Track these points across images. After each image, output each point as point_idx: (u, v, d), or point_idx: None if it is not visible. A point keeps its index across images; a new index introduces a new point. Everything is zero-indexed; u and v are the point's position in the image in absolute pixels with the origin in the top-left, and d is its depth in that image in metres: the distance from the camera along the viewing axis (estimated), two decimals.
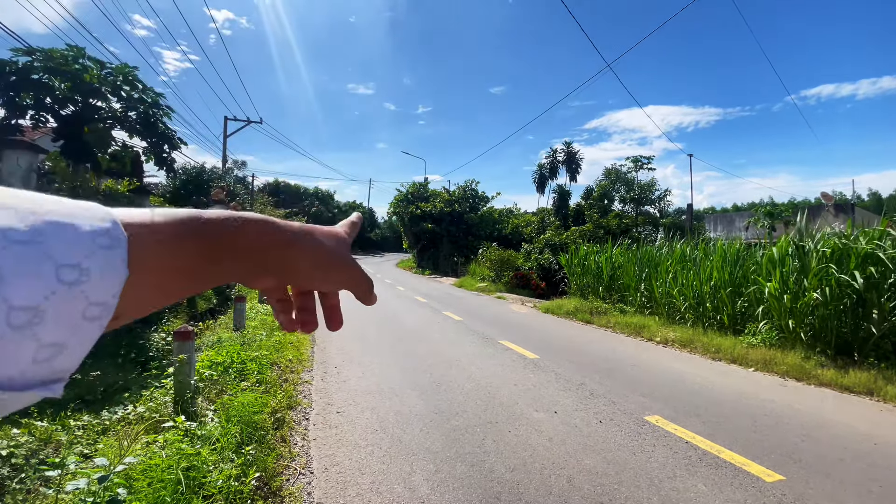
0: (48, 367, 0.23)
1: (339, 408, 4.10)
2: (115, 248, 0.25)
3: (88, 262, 0.23)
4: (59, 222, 0.23)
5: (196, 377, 4.03)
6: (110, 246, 0.25)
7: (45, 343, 0.22)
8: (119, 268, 0.25)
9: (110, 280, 0.24)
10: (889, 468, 3.08)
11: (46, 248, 0.22)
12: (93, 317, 0.24)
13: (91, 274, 0.23)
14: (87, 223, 0.24)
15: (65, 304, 0.22)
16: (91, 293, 0.23)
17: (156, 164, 7.77)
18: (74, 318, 0.23)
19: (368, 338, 7.28)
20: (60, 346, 0.23)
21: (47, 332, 0.22)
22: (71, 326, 0.23)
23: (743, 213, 32.11)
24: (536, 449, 3.33)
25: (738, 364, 6.16)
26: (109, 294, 0.24)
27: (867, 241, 5.97)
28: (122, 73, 6.74)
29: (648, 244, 12.54)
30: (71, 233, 0.23)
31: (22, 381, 0.22)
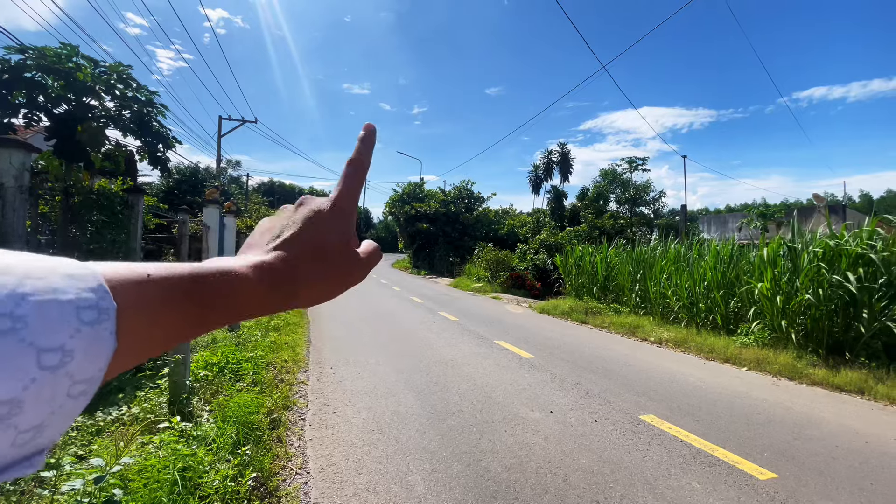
0: (29, 447, 0.21)
1: (336, 408, 4.10)
2: (102, 322, 0.23)
3: (73, 342, 0.22)
4: (41, 301, 0.21)
5: (191, 378, 4.01)
6: (97, 321, 0.23)
7: (23, 430, 0.21)
8: (107, 340, 0.23)
9: (97, 355, 0.23)
10: (881, 466, 3.13)
11: (27, 335, 0.20)
12: (78, 394, 0.22)
13: (75, 354, 0.22)
14: (72, 295, 0.22)
15: (46, 389, 0.21)
16: (76, 372, 0.22)
17: (150, 163, 7.71)
18: (57, 399, 0.21)
19: (364, 338, 7.27)
20: (41, 427, 0.21)
21: (26, 420, 0.20)
22: (53, 408, 0.21)
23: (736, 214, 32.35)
24: (532, 448, 3.34)
25: (732, 364, 6.21)
26: (96, 369, 0.23)
27: (858, 243, 6.04)
28: (116, 71, 6.69)
29: (643, 245, 12.61)
30: (55, 313, 0.21)
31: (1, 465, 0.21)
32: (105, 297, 0.24)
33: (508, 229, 28.21)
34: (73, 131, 6.49)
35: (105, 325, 0.23)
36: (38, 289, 0.21)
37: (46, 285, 0.22)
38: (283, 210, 0.40)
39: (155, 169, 8.18)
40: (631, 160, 30.86)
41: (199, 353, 4.86)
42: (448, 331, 8.23)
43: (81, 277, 0.23)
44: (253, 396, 3.71)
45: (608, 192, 30.71)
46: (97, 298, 0.23)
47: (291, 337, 6.95)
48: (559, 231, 21.61)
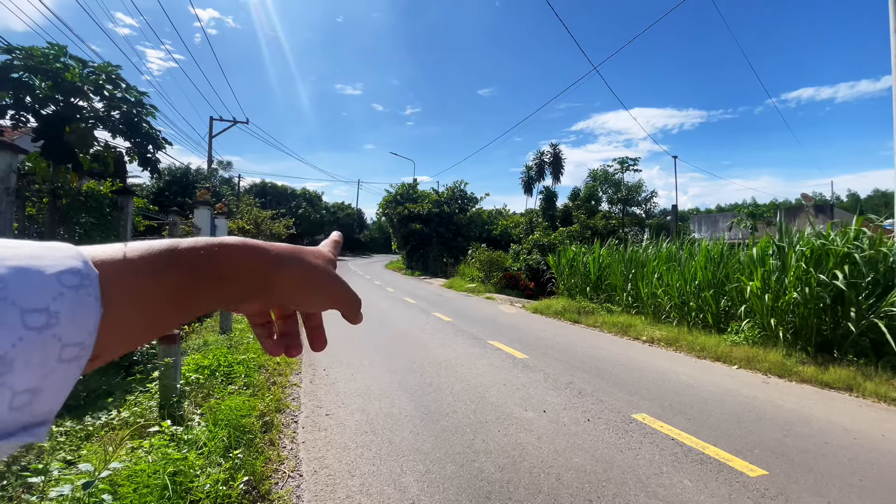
0: (28, 412, 0.22)
1: (329, 410, 4.08)
2: (85, 287, 0.24)
3: (57, 304, 0.23)
4: (21, 267, 0.22)
5: (182, 381, 3.98)
6: (79, 285, 0.24)
7: (18, 390, 0.21)
8: (92, 306, 0.24)
9: (83, 319, 0.24)
10: (869, 462, 3.17)
11: (8, 295, 0.21)
12: (69, 358, 0.23)
13: (60, 316, 0.23)
14: (53, 264, 0.23)
15: (35, 350, 0.22)
16: (64, 335, 0.23)
17: (139, 164, 7.63)
18: (48, 361, 0.22)
19: (357, 340, 7.25)
20: (36, 391, 0.22)
21: (19, 380, 0.21)
22: (45, 370, 0.22)
23: (726, 214, 32.69)
24: (526, 448, 3.35)
25: (722, 362, 6.27)
26: (85, 333, 0.24)
27: (844, 242, 6.13)
28: (105, 71, 6.61)
29: (635, 245, 12.70)
30: (35, 276, 0.22)
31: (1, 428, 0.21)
32: (85, 264, 0.25)
33: (502, 230, 28.27)
34: (60, 132, 6.41)
35: (88, 291, 0.24)
36: (16, 255, 0.23)
37: (25, 253, 0.23)
38: None
39: (145, 170, 8.10)
40: (622, 161, 31.08)
41: (190, 357, 4.82)
42: (442, 331, 8.22)
43: (59, 248, 0.25)
44: (245, 399, 3.68)
45: (599, 192, 30.90)
46: (78, 266, 0.24)
47: None
48: (552, 231, 21.70)
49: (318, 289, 0.38)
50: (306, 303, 0.39)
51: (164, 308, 0.29)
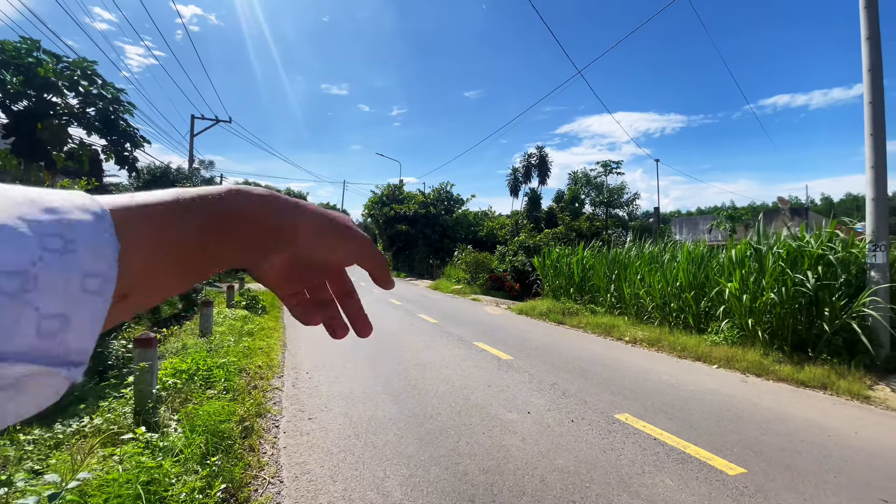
0: (60, 342, 0.21)
1: (311, 414, 4.01)
2: (98, 222, 0.24)
3: (71, 233, 0.22)
4: (33, 198, 0.23)
5: (158, 386, 3.87)
6: (94, 220, 0.24)
7: (45, 314, 0.21)
8: (108, 239, 0.24)
9: (101, 250, 0.24)
10: (843, 459, 3.25)
11: (23, 219, 0.21)
12: (94, 289, 0.23)
13: (77, 245, 0.22)
14: (62, 201, 0.24)
15: (56, 272, 0.21)
16: (84, 263, 0.22)
17: (116, 163, 7.43)
18: (72, 288, 0.22)
19: (340, 343, 7.15)
20: (64, 318, 0.22)
21: (44, 301, 0.21)
22: (70, 297, 0.22)
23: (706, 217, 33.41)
24: (510, 450, 3.34)
25: (703, 362, 6.38)
26: (105, 264, 0.23)
27: (818, 244, 6.30)
28: (80, 67, 6.42)
29: (618, 246, 12.86)
30: (47, 207, 0.23)
31: (34, 354, 0.21)
32: (95, 202, 0.25)
33: (487, 231, 28.36)
34: (32, 129, 6.20)
35: (102, 224, 0.24)
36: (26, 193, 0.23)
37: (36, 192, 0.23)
38: None
39: (122, 169, 7.89)
40: (605, 163, 31.47)
41: (167, 361, 4.69)
42: (427, 333, 8.19)
43: (69, 192, 0.25)
44: (224, 404, 3.59)
45: (582, 194, 31.24)
46: (88, 203, 0.24)
47: (266, 342, 6.79)
48: (537, 233, 21.85)
49: (340, 237, 0.37)
50: (332, 254, 0.38)
51: (182, 250, 0.29)
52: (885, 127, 5.51)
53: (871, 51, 5.52)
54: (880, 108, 5.49)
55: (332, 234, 0.37)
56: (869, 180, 5.68)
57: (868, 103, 5.55)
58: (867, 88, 5.55)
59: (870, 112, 5.54)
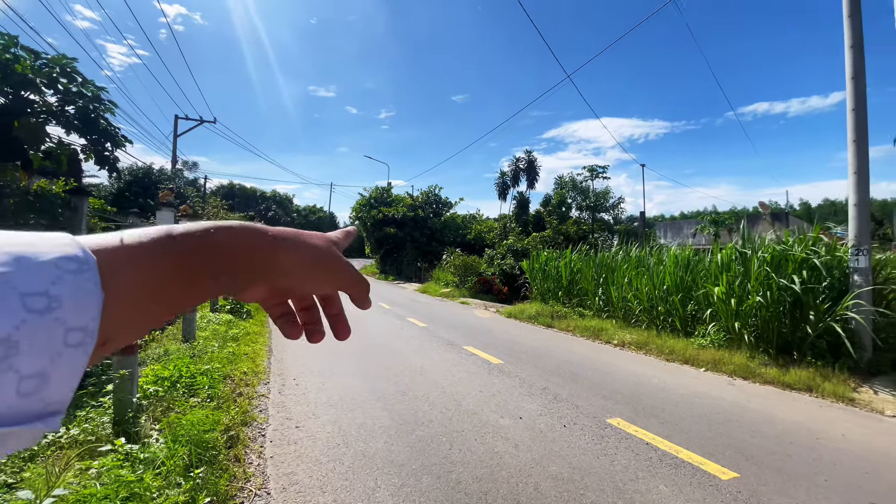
0: (38, 399, 0.22)
1: (299, 422, 3.91)
2: (84, 272, 0.24)
3: (57, 288, 0.23)
4: (18, 253, 0.22)
5: (139, 394, 3.73)
6: (78, 270, 0.24)
7: (25, 374, 0.21)
8: (92, 290, 0.24)
9: (85, 303, 0.24)
10: (832, 462, 3.28)
11: (7, 279, 0.21)
12: (75, 343, 0.23)
13: (62, 300, 0.23)
14: (49, 251, 0.24)
15: (39, 333, 0.21)
16: (67, 318, 0.23)
17: (96, 163, 7.21)
18: (54, 345, 0.22)
19: (328, 348, 7.05)
20: (44, 376, 0.22)
21: (25, 363, 0.21)
22: (51, 354, 0.22)
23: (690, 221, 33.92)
24: (503, 457, 3.30)
25: (691, 365, 6.43)
26: (88, 317, 0.24)
27: (802, 248, 6.41)
28: (60, 63, 6.23)
29: (604, 250, 12.95)
30: (32, 262, 0.22)
31: (11, 415, 0.21)
32: (82, 251, 0.25)
33: (476, 234, 28.38)
34: (9, 127, 5.98)
35: (87, 276, 0.24)
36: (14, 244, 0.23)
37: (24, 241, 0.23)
38: None
39: (102, 169, 7.67)
40: (592, 168, 31.78)
41: (149, 367, 4.54)
42: (417, 337, 8.11)
43: (54, 236, 0.25)
44: (208, 413, 3.47)
45: (569, 199, 31.51)
46: (74, 252, 0.24)
47: (251, 347, 6.64)
48: (525, 237, 21.92)
49: (321, 269, 0.38)
50: (311, 284, 0.40)
51: (166, 293, 0.29)
52: (867, 133, 5.64)
53: (854, 59, 5.65)
54: (863, 115, 5.62)
55: (315, 268, 0.38)
56: (851, 186, 5.80)
57: (851, 110, 5.67)
58: (850, 95, 5.67)
59: (853, 119, 5.66)
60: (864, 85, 5.64)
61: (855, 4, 5.63)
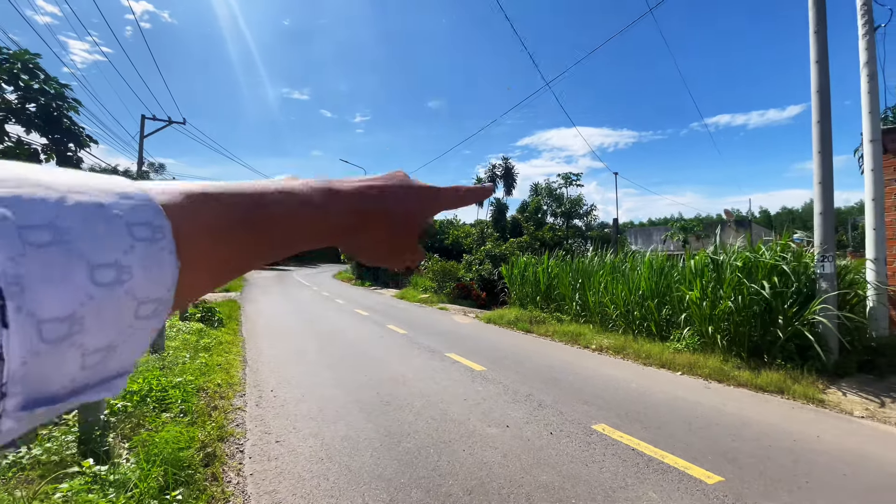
0: (101, 370, 0.21)
1: (278, 436, 3.76)
2: (158, 241, 0.22)
3: (128, 258, 0.20)
4: (87, 214, 0.20)
5: (106, 411, 3.51)
6: (152, 238, 0.22)
7: (91, 349, 0.20)
8: (167, 261, 0.22)
9: (159, 274, 0.22)
10: (810, 463, 3.38)
11: (75, 248, 0.19)
12: (147, 315, 0.21)
13: (133, 271, 0.21)
14: (120, 211, 0.21)
15: (108, 308, 0.20)
16: (138, 291, 0.21)
17: (58, 163, 6.84)
18: (124, 319, 0.21)
19: (307, 356, 6.86)
20: (110, 349, 0.20)
21: (92, 339, 0.20)
22: (120, 328, 0.20)
23: (659, 228, 34.98)
24: (492, 467, 3.25)
25: (667, 368, 6.56)
26: (163, 289, 0.22)
27: (772, 255, 6.66)
28: (21, 59, 5.89)
29: (580, 255, 13.15)
30: (102, 227, 0.20)
31: (73, 388, 0.20)
32: (158, 214, 0.23)
33: (453, 239, 28.40)
34: None
35: (162, 244, 0.22)
36: (82, 202, 0.20)
37: (91, 199, 0.21)
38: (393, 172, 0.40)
39: None
40: (566, 175, 32.44)
41: None
42: (397, 344, 8.00)
43: (130, 195, 0.22)
44: (182, 429, 3.29)
45: (544, 205, 32.01)
46: (150, 216, 0.22)
47: (224, 357, 6.39)
48: (503, 242, 22.08)
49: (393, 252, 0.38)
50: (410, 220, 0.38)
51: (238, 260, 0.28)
52: (832, 145, 5.92)
53: (819, 73, 5.94)
54: (827, 128, 5.90)
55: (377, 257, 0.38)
56: (817, 195, 6.07)
57: (816, 122, 5.95)
58: (815, 108, 5.95)
59: (818, 131, 5.94)
60: (829, 98, 5.94)
61: (821, 21, 5.93)
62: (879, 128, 6.25)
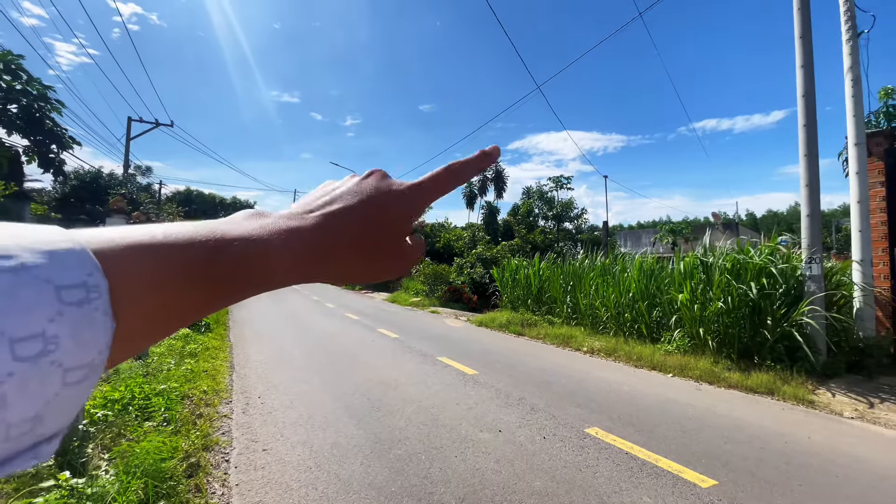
0: (27, 439, 0.19)
1: (266, 444, 3.66)
2: (92, 302, 0.20)
3: (54, 327, 0.19)
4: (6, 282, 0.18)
5: (86, 420, 3.39)
6: (85, 300, 0.20)
7: (14, 422, 0.18)
8: (100, 322, 0.20)
9: (91, 338, 0.20)
10: (803, 465, 3.37)
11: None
12: (75, 381, 0.20)
13: (60, 341, 0.19)
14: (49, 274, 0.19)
15: (32, 382, 0.18)
16: (66, 360, 0.19)
17: (40, 165, 6.70)
18: (49, 389, 0.19)
19: (296, 362, 6.75)
20: (38, 419, 0.19)
21: (15, 413, 0.18)
22: (46, 398, 0.19)
23: (648, 230, 35.28)
24: (485, 474, 3.19)
25: (658, 371, 6.57)
26: (93, 353, 0.20)
27: (761, 257, 6.71)
28: (4, 60, 5.76)
29: (570, 258, 13.19)
30: (26, 293, 0.18)
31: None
32: (93, 273, 0.21)
33: (445, 243, 28.36)
34: None
35: (96, 305, 0.20)
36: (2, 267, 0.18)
37: (12, 263, 0.19)
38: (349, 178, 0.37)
39: (46, 172, 7.11)
40: (557, 179, 32.63)
41: (96, 389, 4.15)
42: (388, 349, 7.91)
43: (61, 250, 0.20)
44: (165, 438, 3.18)
45: (535, 208, 32.14)
46: (83, 276, 0.20)
47: (211, 363, 6.26)
48: (494, 245, 22.09)
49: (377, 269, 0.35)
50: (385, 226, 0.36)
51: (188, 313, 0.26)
52: (818, 148, 6.00)
53: (805, 78, 6.02)
54: (813, 131, 5.98)
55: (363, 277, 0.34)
56: (804, 197, 6.14)
57: (802, 126, 6.02)
58: (801, 112, 6.03)
59: (804, 134, 6.01)
60: (815, 102, 6.02)
61: (806, 26, 6.02)
62: (864, 131, 6.34)
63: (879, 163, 6.57)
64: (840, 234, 35.67)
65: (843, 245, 31.39)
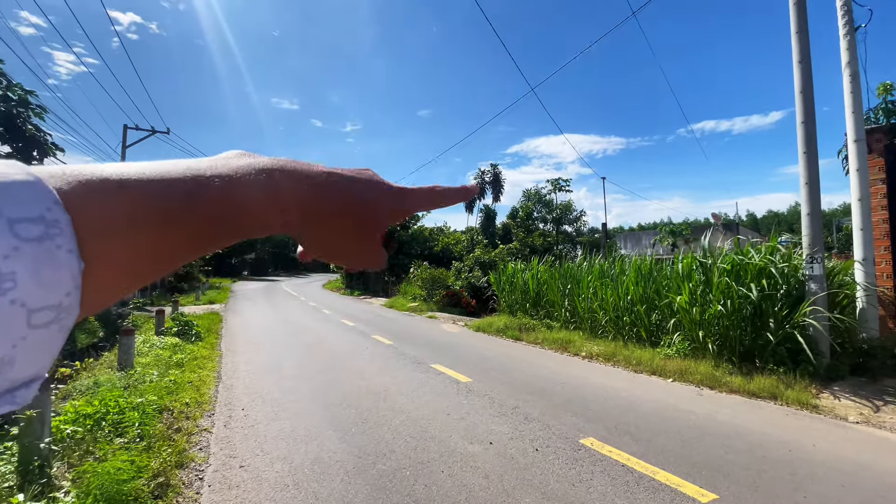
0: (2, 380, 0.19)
1: (244, 460, 3.49)
2: (53, 237, 0.19)
3: (9, 263, 0.18)
4: None
5: (55, 435, 3.22)
6: (44, 235, 0.19)
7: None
8: (64, 260, 0.19)
9: (54, 277, 0.19)
10: (808, 476, 3.19)
11: None
12: (45, 322, 0.19)
13: (17, 278, 0.18)
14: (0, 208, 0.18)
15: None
16: (28, 299, 0.18)
17: None
18: (15, 330, 0.18)
19: (285, 370, 6.58)
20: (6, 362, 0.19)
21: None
22: (13, 339, 0.18)
23: (648, 232, 35.12)
24: (473, 489, 3.02)
25: (658, 375, 6.39)
26: (60, 293, 0.19)
27: (761, 257, 6.55)
28: None
29: (569, 261, 13.02)
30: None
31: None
32: (53, 207, 0.20)
33: (443, 247, 28.22)
34: None
35: (58, 242, 0.19)
36: None
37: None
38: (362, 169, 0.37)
39: None
40: (556, 181, 32.50)
41: (70, 403, 3.98)
42: (381, 356, 7.73)
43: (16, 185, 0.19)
44: (134, 456, 3.02)
45: (534, 211, 32.00)
46: (41, 210, 0.19)
47: (197, 374, 6.08)
48: (492, 249, 21.92)
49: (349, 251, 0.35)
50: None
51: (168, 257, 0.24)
52: (817, 145, 5.85)
53: (802, 74, 5.88)
54: (812, 128, 5.83)
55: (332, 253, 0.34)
56: (804, 196, 5.98)
57: (801, 123, 5.88)
58: (800, 109, 5.88)
59: (802, 131, 5.87)
60: (813, 99, 5.87)
61: (802, 22, 5.89)
62: (863, 127, 6.20)
63: (879, 159, 6.42)
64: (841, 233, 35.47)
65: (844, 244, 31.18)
